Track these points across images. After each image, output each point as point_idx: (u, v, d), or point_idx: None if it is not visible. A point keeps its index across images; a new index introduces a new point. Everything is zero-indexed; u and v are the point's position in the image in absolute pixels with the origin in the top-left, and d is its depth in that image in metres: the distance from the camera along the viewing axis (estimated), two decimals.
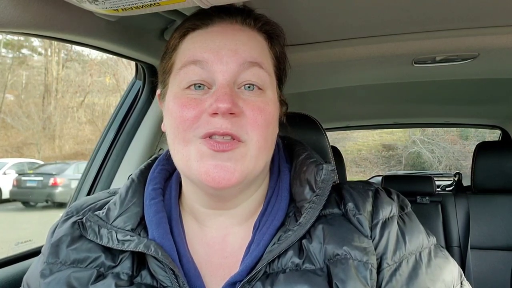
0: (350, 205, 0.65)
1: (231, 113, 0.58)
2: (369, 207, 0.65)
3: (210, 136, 0.58)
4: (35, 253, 1.10)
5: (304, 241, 0.61)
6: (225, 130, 0.58)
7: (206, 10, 0.64)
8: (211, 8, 0.64)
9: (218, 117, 0.58)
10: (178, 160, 0.63)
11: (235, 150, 0.59)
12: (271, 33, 0.68)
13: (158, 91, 0.71)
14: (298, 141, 0.77)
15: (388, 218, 0.65)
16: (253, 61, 0.62)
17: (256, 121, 0.60)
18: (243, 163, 0.60)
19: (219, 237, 0.67)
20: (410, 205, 0.71)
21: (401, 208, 0.69)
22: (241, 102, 0.60)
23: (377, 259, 0.61)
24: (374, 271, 0.59)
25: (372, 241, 0.62)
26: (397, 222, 0.65)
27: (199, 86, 0.61)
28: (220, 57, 0.60)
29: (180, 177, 0.72)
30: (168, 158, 0.73)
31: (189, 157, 0.60)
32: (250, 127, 0.60)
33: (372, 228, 0.63)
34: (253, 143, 0.60)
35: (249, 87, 0.62)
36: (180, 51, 0.65)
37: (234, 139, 0.59)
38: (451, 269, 0.64)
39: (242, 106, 0.60)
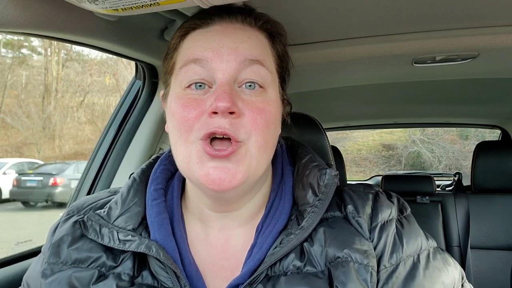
0: (350, 208, 0.65)
1: (230, 112, 0.57)
2: (368, 210, 0.65)
3: (210, 136, 0.58)
4: (35, 253, 1.10)
5: (305, 244, 0.61)
6: (223, 130, 0.57)
7: (207, 10, 0.64)
8: (212, 8, 0.63)
9: (217, 117, 0.57)
10: (180, 161, 0.62)
11: (234, 153, 0.58)
12: (273, 32, 0.68)
13: (161, 92, 0.71)
14: (301, 143, 0.77)
15: (387, 221, 0.65)
16: (253, 58, 0.61)
17: (256, 121, 0.59)
18: (244, 164, 0.59)
19: (222, 238, 0.67)
20: (409, 208, 0.71)
21: (400, 211, 0.69)
22: (241, 102, 0.59)
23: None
24: (375, 274, 0.59)
25: (371, 243, 0.62)
26: (396, 225, 0.65)
27: (200, 85, 0.61)
28: (220, 55, 0.60)
29: (182, 177, 0.71)
30: (170, 157, 0.72)
31: (189, 159, 0.60)
32: (249, 127, 0.59)
33: (371, 231, 0.63)
34: (252, 142, 0.59)
35: (250, 85, 0.61)
36: (181, 50, 0.65)
37: (232, 141, 0.58)
38: (451, 271, 0.64)
39: (242, 106, 0.59)
